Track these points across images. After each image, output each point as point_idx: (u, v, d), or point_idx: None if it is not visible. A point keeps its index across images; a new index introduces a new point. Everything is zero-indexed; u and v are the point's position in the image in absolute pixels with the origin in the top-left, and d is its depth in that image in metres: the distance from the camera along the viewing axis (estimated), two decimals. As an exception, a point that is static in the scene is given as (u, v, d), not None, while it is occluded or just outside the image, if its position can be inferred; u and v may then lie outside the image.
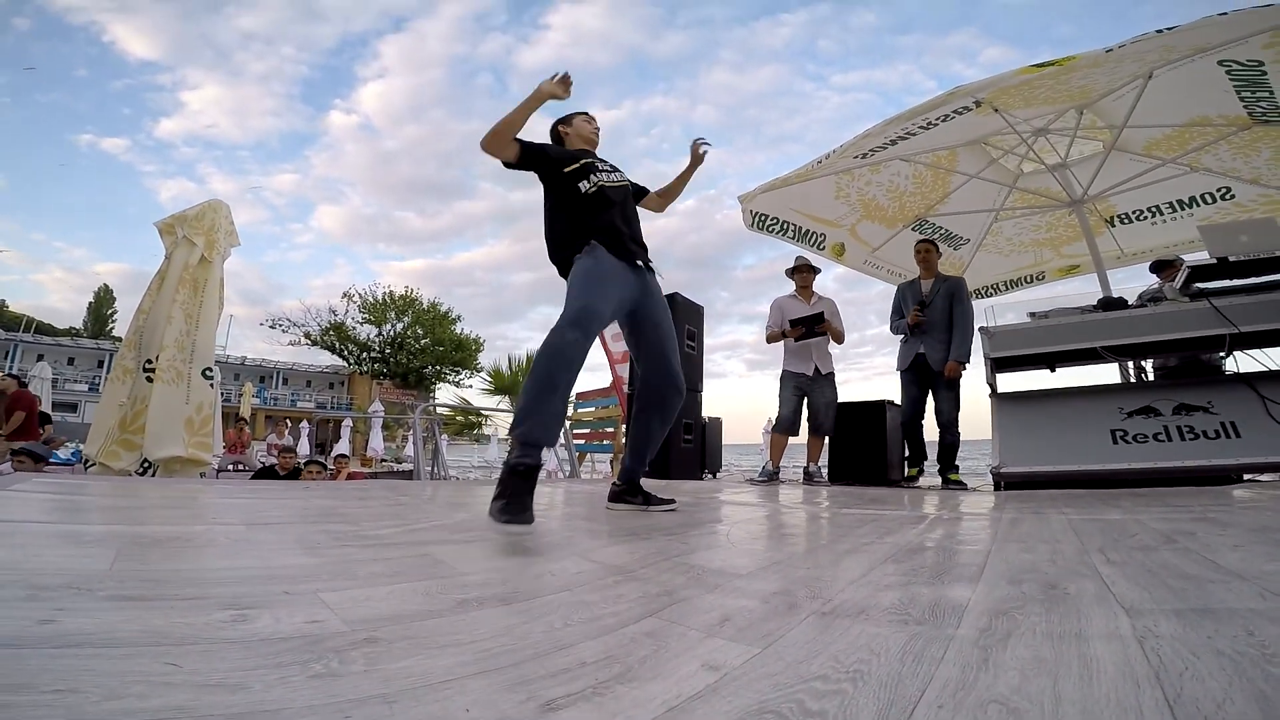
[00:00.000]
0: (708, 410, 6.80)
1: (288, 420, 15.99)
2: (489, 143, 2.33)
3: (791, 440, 5.35)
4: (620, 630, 0.88)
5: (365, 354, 32.07)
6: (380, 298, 32.34)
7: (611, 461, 7.72)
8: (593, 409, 8.69)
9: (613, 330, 7.22)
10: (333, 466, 7.86)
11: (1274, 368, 3.59)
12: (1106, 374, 4.39)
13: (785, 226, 5.92)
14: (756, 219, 5.76)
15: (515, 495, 1.80)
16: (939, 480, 4.57)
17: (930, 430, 4.80)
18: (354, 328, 31.81)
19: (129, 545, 1.35)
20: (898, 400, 5.02)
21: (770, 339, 5.33)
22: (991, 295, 7.27)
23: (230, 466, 9.33)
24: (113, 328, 50.13)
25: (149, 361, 4.25)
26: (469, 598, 1.05)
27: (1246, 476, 3.58)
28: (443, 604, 1.01)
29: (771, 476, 5.12)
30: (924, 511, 2.58)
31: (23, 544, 1.29)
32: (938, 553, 1.44)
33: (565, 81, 2.37)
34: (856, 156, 5.09)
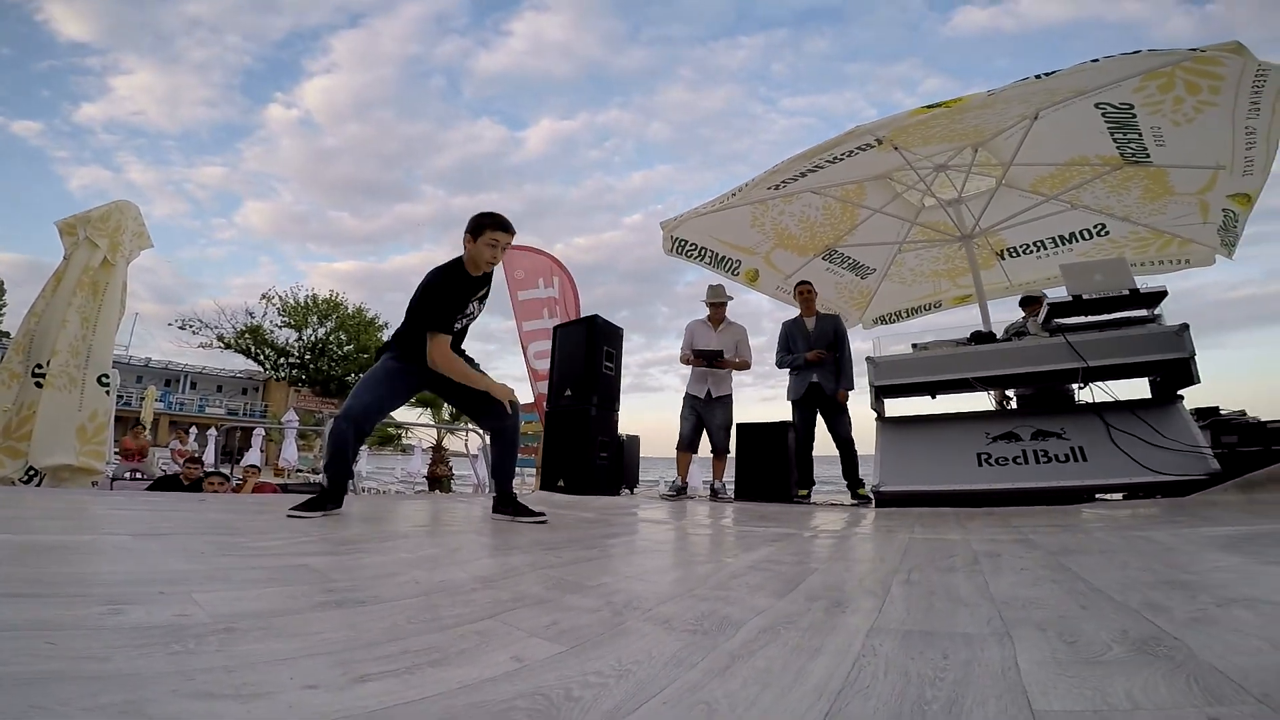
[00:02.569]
0: (639, 423, 6.98)
1: (194, 426, 15.24)
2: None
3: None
4: (456, 629, 1.02)
5: (283, 359, 30.74)
6: (302, 300, 31.14)
7: (537, 473, 7.78)
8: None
9: (535, 349, 7.31)
10: (240, 477, 7.58)
11: (1121, 398, 4.03)
12: (981, 401, 4.79)
13: (703, 252, 6.15)
14: (676, 244, 5.98)
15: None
16: (847, 495, 4.92)
17: (825, 448, 5.19)
18: (272, 331, 30.47)
19: (16, 552, 1.42)
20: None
21: (682, 360, 5.60)
22: (895, 322, 7.74)
23: (127, 475, 8.85)
24: (-1, 321, 46.12)
25: (39, 366, 4.08)
26: (329, 600, 1.17)
27: (1098, 496, 3.96)
28: (304, 604, 1.13)
29: (680, 492, 5.35)
30: (793, 529, 2.79)
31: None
32: (773, 569, 1.61)
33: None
34: (770, 188, 5.36)
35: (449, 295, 2.72)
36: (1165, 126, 4.44)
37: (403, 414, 13.33)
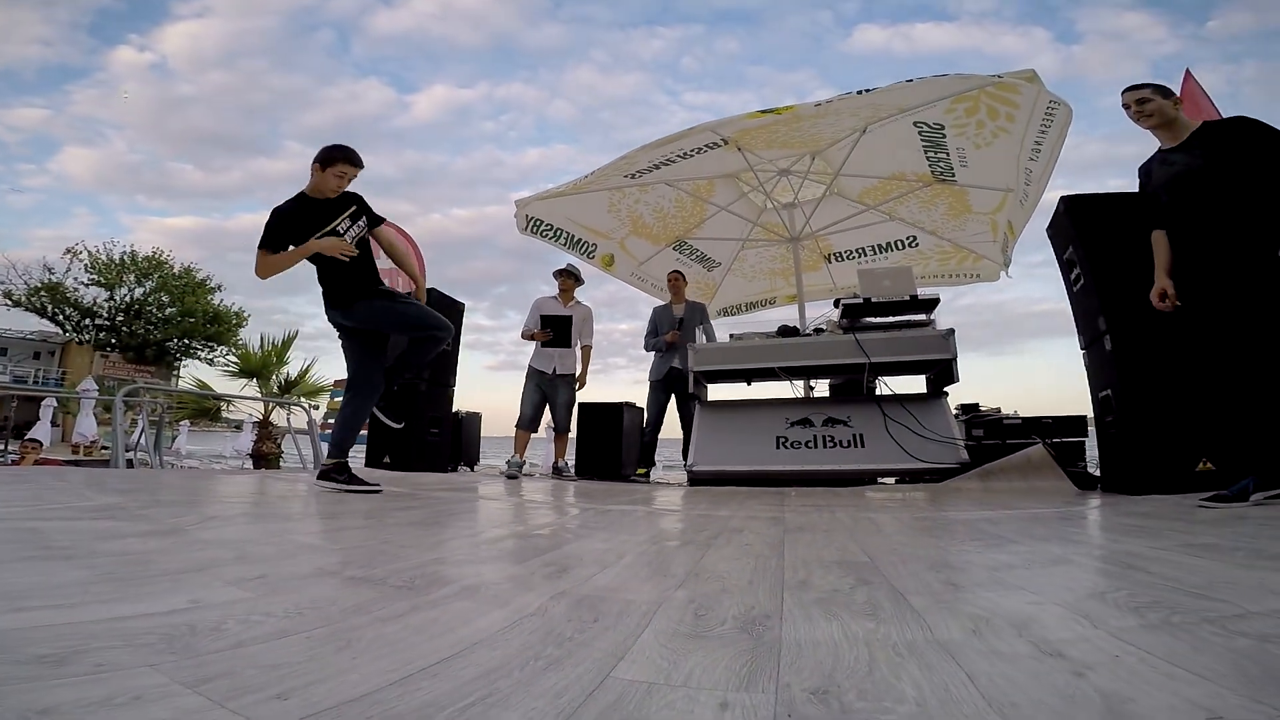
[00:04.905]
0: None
1: (-34, 394, 13.14)
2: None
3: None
4: (155, 578, 1.04)
5: (87, 320, 27.03)
6: (117, 258, 27.48)
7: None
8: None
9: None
10: (18, 453, 6.70)
11: (900, 392, 4.58)
12: (791, 388, 5.23)
13: (559, 234, 6.18)
14: (531, 223, 5.95)
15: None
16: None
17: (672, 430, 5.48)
18: (76, 290, 26.66)
19: None
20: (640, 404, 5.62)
21: (524, 336, 5.60)
22: (736, 314, 8.22)
23: None
24: None
25: None
26: (36, 555, 1.17)
27: (880, 480, 4.44)
28: (6, 558, 1.13)
29: (519, 469, 5.39)
30: (594, 505, 2.93)
31: None
32: (537, 539, 1.73)
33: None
34: (626, 175, 5.47)
35: (286, 222, 2.97)
36: (968, 148, 4.96)
37: (224, 385, 12.30)
